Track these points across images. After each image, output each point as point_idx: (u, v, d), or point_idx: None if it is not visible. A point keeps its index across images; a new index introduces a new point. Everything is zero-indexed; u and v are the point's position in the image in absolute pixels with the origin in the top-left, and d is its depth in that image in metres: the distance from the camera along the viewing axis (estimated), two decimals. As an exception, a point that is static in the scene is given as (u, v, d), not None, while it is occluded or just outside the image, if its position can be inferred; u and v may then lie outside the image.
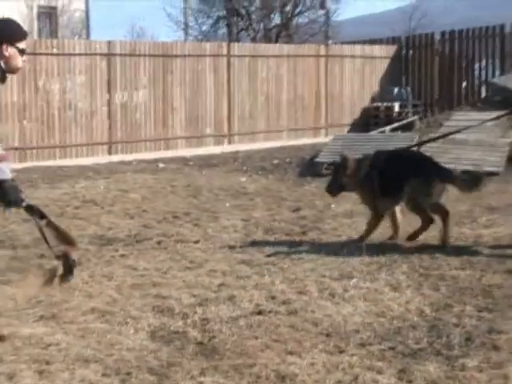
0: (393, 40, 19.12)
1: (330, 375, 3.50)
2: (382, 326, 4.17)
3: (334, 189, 6.48)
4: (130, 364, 3.69)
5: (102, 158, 13.47)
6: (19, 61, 4.09)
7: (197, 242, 6.51)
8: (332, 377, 3.48)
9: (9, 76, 4.10)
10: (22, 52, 4.08)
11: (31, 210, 3.93)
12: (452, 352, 3.75)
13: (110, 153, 13.98)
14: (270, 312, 4.43)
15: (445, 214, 6.00)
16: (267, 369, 3.58)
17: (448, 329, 4.09)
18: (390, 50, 18.43)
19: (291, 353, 3.79)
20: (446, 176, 6.08)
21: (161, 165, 12.55)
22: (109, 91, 13.93)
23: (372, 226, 6.19)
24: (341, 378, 3.46)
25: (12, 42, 4.05)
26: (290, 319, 4.30)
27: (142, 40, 26.44)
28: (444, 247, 5.85)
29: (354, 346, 3.87)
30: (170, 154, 14.14)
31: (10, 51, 4.03)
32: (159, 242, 6.54)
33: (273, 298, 4.71)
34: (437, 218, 6.08)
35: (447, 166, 6.77)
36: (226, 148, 15.13)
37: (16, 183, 3.82)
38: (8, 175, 3.77)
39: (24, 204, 3.87)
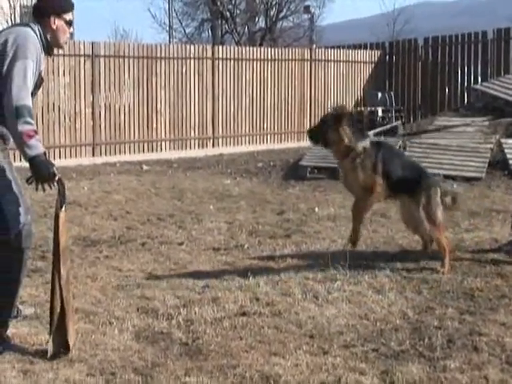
0: (377, 45, 19.27)
1: (313, 376, 3.53)
2: (366, 328, 4.21)
3: (317, 136, 5.49)
4: (115, 364, 3.69)
5: (85, 160, 13.44)
6: (66, 33, 4.07)
7: (181, 243, 6.53)
8: (315, 378, 3.51)
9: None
10: (69, 24, 4.05)
11: (62, 185, 3.85)
12: (434, 354, 3.79)
13: (93, 154, 13.94)
14: (254, 313, 4.45)
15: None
16: (251, 369, 3.60)
17: (430, 331, 4.13)
18: (374, 55, 18.58)
19: (275, 354, 3.82)
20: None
21: (145, 167, 12.54)
22: (92, 92, 13.90)
23: (368, 205, 5.47)
24: (324, 379, 3.49)
25: (60, 13, 4.02)
26: (274, 320, 4.33)
27: (126, 41, 26.39)
28: (426, 252, 5.86)
29: (338, 347, 3.91)
30: (154, 156, 14.15)
31: (57, 24, 4.01)
32: (143, 244, 6.54)
33: (257, 299, 4.74)
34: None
35: (430, 170, 6.80)
36: (210, 151, 15.17)
37: (47, 159, 3.77)
38: (40, 150, 3.72)
39: (56, 178, 3.80)
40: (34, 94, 3.95)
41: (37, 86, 4.00)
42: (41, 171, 3.74)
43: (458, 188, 6.37)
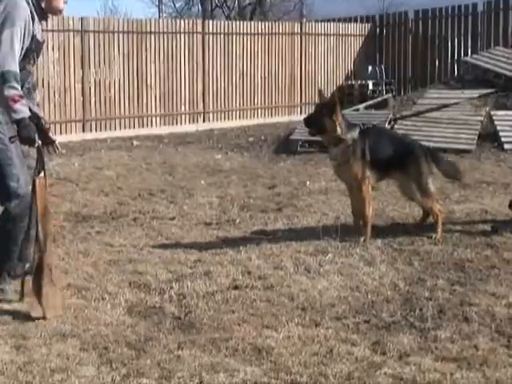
0: (367, 18, 19.11)
1: (305, 347, 3.55)
2: (357, 299, 4.22)
3: (313, 124, 5.63)
4: (108, 339, 3.69)
5: (75, 136, 13.33)
6: (61, 2, 4.32)
7: (172, 218, 6.51)
8: (308, 349, 3.53)
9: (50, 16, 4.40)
10: None
11: (40, 153, 4.10)
12: (425, 324, 3.81)
13: (83, 130, 13.83)
14: (246, 287, 4.46)
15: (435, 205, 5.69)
16: (244, 342, 3.61)
17: (421, 302, 4.15)
18: (365, 28, 18.44)
19: (267, 326, 3.83)
20: (436, 160, 5.79)
21: (135, 142, 12.48)
22: (82, 68, 13.76)
23: (367, 203, 5.56)
24: (316, 351, 3.51)
25: None
26: (266, 294, 4.34)
27: (116, 17, 26.12)
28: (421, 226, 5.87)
29: (329, 319, 3.92)
30: (144, 131, 14.06)
31: None
32: (135, 219, 6.52)
33: (249, 273, 4.75)
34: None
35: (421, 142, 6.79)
36: (200, 126, 15.08)
37: (31, 124, 4.00)
38: (24, 115, 3.94)
39: (36, 144, 4.05)
40: (32, 56, 4.22)
41: (33, 49, 4.21)
42: (23, 134, 3.99)
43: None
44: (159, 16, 29.80)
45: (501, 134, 10.43)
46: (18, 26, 4.03)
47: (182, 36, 15.12)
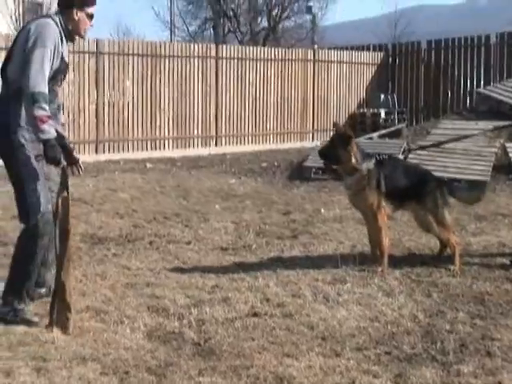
0: (380, 47, 19.27)
1: (327, 378, 3.53)
2: (377, 330, 4.20)
3: (328, 156, 5.65)
4: (128, 363, 3.68)
5: (88, 157, 13.40)
6: (87, 25, 4.41)
7: (188, 243, 6.52)
8: (329, 380, 3.51)
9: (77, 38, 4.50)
10: (90, 17, 4.40)
11: (64, 173, 4.20)
12: (447, 358, 3.79)
13: (97, 151, 13.92)
14: (265, 314, 4.44)
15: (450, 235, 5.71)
16: (265, 370, 3.60)
17: (442, 335, 4.13)
18: (377, 56, 18.57)
19: (288, 355, 3.81)
20: (449, 189, 5.81)
21: (149, 165, 12.53)
22: (97, 89, 13.88)
23: (383, 233, 5.55)
24: (338, 381, 3.49)
25: (82, 7, 4.36)
26: (285, 322, 4.32)
27: (130, 39, 26.37)
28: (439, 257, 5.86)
29: (350, 349, 3.90)
30: (157, 154, 14.13)
31: (79, 15, 4.34)
32: (151, 242, 6.53)
33: (267, 300, 4.74)
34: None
35: (435, 173, 6.80)
36: (213, 149, 15.16)
37: (57, 144, 4.10)
38: (51, 135, 4.06)
39: (61, 165, 4.17)
40: (60, 78, 4.36)
41: (61, 71, 4.34)
42: (49, 154, 4.09)
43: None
44: (171, 39, 30.05)
45: (515, 165, 10.43)
46: (48, 47, 4.14)
47: (196, 60, 15.27)
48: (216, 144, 15.59)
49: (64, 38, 4.33)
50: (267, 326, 4.25)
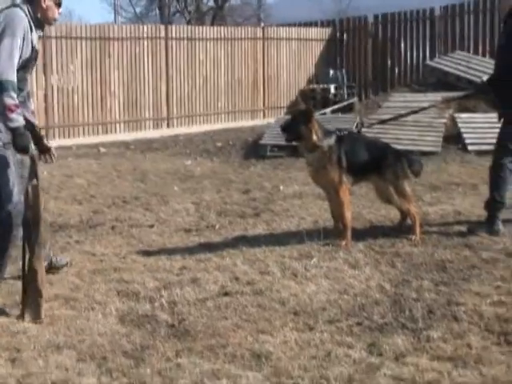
0: (327, 23, 19.33)
1: (303, 351, 3.59)
2: (347, 302, 4.29)
3: (290, 132, 5.65)
4: (104, 348, 3.68)
5: (39, 143, 13.14)
6: (56, 12, 4.47)
7: (151, 226, 6.50)
8: (305, 353, 3.57)
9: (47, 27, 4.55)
10: (58, 5, 4.46)
11: (33, 161, 4.18)
12: (416, 325, 3.89)
13: (47, 138, 13.64)
14: (236, 293, 4.48)
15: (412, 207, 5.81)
16: (241, 348, 3.64)
17: (409, 303, 4.24)
18: (325, 32, 18.64)
19: (262, 332, 3.86)
20: (408, 160, 5.88)
21: (102, 149, 12.38)
22: (44, 74, 13.59)
23: (346, 207, 5.64)
24: (314, 354, 3.55)
25: None
26: (256, 299, 4.37)
27: (77, 22, 25.82)
28: (399, 228, 5.97)
29: (323, 322, 3.97)
30: (109, 138, 13.96)
31: (47, 4, 4.39)
32: (113, 227, 6.49)
33: (236, 279, 4.77)
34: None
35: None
36: (165, 131, 15.04)
37: (26, 132, 4.12)
38: (19, 124, 4.08)
39: (30, 153, 4.17)
40: (30, 66, 4.37)
41: (32, 59, 4.36)
42: (18, 143, 4.10)
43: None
44: (115, 21, 29.57)
45: (464, 135, 10.68)
46: (18, 36, 4.16)
47: (145, 41, 15.07)
48: (168, 125, 15.47)
49: (33, 27, 4.34)
50: (239, 304, 4.29)
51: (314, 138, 5.56)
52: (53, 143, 13.13)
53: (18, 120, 4.08)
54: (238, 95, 16.74)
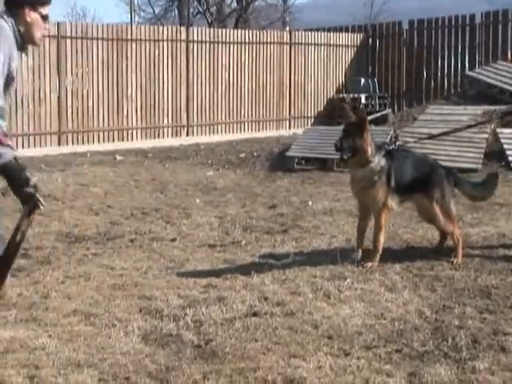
0: (359, 28, 19.39)
1: (339, 378, 3.60)
2: (384, 327, 4.29)
3: (347, 149, 5.51)
4: (127, 369, 3.71)
5: (51, 149, 13.32)
6: (42, 29, 3.98)
7: (173, 240, 6.55)
8: (341, 380, 3.58)
9: (30, 47, 3.99)
10: (44, 19, 3.96)
11: (22, 217, 4.01)
12: (460, 354, 3.88)
13: (59, 143, 13.83)
14: (265, 314, 4.50)
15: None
16: (273, 372, 3.66)
17: (452, 331, 4.23)
18: (357, 38, 18.69)
19: (295, 356, 3.87)
20: (456, 180, 5.92)
21: (118, 157, 12.50)
22: (58, 77, 13.77)
23: (383, 230, 5.66)
24: (351, 382, 3.56)
25: (35, 6, 3.93)
26: (287, 321, 4.39)
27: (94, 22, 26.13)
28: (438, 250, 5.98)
29: (359, 348, 3.98)
30: (125, 145, 14.10)
31: (32, 17, 3.91)
32: (132, 240, 6.55)
33: (265, 298, 4.79)
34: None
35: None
36: (184, 139, 15.15)
37: (19, 163, 3.78)
38: (8, 158, 3.70)
39: (32, 183, 3.84)
40: (10, 85, 3.88)
41: (13, 78, 3.91)
42: (13, 178, 3.77)
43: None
44: (131, 22, 29.83)
45: (508, 152, 10.64)
46: (1, 53, 3.76)
47: (165, 44, 15.23)
48: (187, 134, 15.59)
49: (16, 46, 3.91)
50: (269, 325, 4.31)
51: (369, 151, 5.52)
52: (64, 149, 13.32)
53: (5, 155, 3.67)
54: (262, 103, 16.82)
